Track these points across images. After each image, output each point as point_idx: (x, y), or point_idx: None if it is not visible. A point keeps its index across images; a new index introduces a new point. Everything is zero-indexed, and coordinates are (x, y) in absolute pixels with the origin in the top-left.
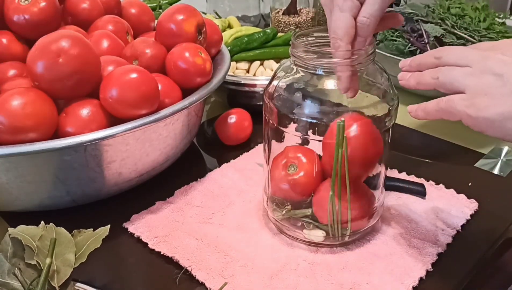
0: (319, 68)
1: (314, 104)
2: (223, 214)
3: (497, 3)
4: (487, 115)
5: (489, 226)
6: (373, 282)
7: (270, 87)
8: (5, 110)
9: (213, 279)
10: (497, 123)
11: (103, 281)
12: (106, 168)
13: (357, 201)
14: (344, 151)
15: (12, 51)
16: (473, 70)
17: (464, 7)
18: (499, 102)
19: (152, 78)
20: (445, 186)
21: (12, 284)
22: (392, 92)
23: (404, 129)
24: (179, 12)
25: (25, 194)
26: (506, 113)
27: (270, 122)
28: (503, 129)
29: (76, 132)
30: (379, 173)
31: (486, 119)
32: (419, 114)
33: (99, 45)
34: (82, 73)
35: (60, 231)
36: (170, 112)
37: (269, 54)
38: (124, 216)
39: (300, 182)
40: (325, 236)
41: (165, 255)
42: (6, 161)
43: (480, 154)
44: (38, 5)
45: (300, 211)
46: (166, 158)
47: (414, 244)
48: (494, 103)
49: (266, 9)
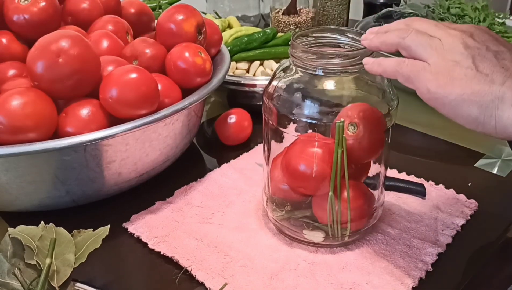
0: (319, 68)
1: (313, 104)
2: (223, 214)
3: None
4: (445, 93)
5: (489, 226)
6: (373, 282)
7: (269, 87)
8: (5, 110)
9: (213, 279)
10: (453, 103)
11: (103, 281)
12: (106, 168)
13: (357, 201)
14: (344, 151)
15: (12, 51)
16: (442, 44)
17: (464, 7)
18: (460, 83)
19: (152, 78)
20: (445, 186)
21: (12, 284)
22: (392, 92)
23: (404, 129)
24: (179, 12)
25: (25, 194)
26: (465, 95)
27: (269, 122)
28: (456, 111)
29: (76, 132)
30: (379, 173)
31: (444, 98)
32: (374, 68)
33: (99, 45)
34: (82, 73)
35: (60, 231)
36: (170, 112)
37: (269, 54)
38: (124, 216)
39: None
40: (325, 236)
41: (165, 255)
42: (6, 161)
43: (480, 154)
44: (38, 5)
45: (300, 211)
46: (166, 158)
47: (414, 244)
48: (455, 83)
49: (266, 9)
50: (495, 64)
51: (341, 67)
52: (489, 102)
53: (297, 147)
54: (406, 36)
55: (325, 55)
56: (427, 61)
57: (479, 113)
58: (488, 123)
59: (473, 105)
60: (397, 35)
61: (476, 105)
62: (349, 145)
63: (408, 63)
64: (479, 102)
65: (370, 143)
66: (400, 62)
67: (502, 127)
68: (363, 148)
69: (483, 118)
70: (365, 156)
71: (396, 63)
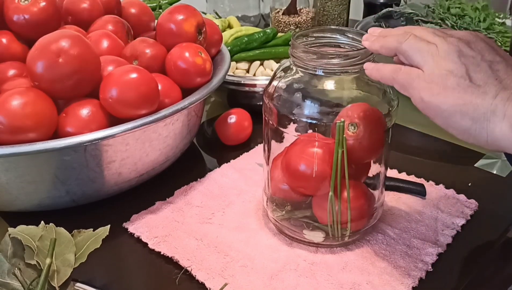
0: (319, 68)
1: (313, 104)
2: (223, 214)
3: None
4: (438, 103)
5: (489, 226)
6: (373, 282)
7: (269, 88)
8: (5, 110)
9: (213, 279)
10: (445, 114)
11: (103, 281)
12: (106, 168)
13: (357, 201)
14: (344, 151)
15: (12, 51)
16: (437, 51)
17: (464, 7)
18: (453, 93)
19: (152, 78)
20: (445, 186)
21: (12, 284)
22: (392, 92)
23: (404, 129)
24: (179, 12)
25: (25, 194)
26: (457, 106)
27: (269, 122)
28: (449, 121)
29: (76, 132)
30: (379, 173)
31: (437, 107)
32: (373, 74)
33: (99, 45)
34: (82, 73)
35: (60, 231)
36: (170, 112)
37: (269, 54)
38: (124, 216)
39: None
40: (325, 236)
41: (165, 255)
42: (6, 161)
43: (480, 154)
44: (38, 5)
45: (300, 211)
46: (166, 158)
47: (414, 244)
48: (448, 94)
49: (266, 9)
50: (489, 75)
51: (341, 67)
52: (481, 114)
53: (297, 147)
54: (403, 41)
55: (325, 55)
56: (422, 68)
57: (471, 125)
58: (480, 135)
59: (465, 117)
60: (396, 40)
61: (468, 117)
62: (349, 145)
63: (404, 71)
64: (471, 114)
65: (370, 143)
66: (396, 69)
67: (493, 139)
68: (363, 148)
69: (474, 130)
70: (365, 156)
71: (393, 70)
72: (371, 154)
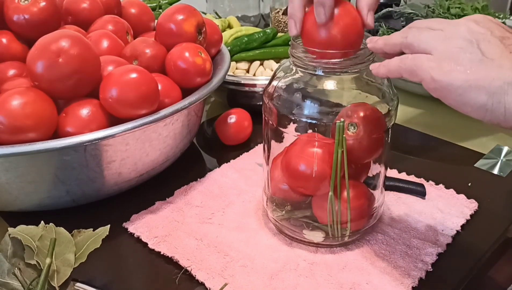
0: (319, 68)
1: (313, 104)
2: (222, 214)
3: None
4: (451, 80)
5: (489, 226)
6: (373, 282)
7: (269, 88)
8: (5, 110)
9: (213, 279)
10: (459, 91)
11: (103, 281)
12: (106, 168)
13: (357, 201)
14: (344, 151)
15: (12, 51)
16: (444, 34)
17: (464, 7)
18: (466, 68)
19: (152, 78)
20: (445, 186)
21: (12, 284)
22: (391, 92)
23: (404, 129)
24: (179, 12)
25: (25, 194)
26: (471, 81)
27: (269, 122)
28: (463, 98)
29: (76, 132)
30: (379, 173)
31: (449, 85)
32: (380, 71)
33: (99, 45)
34: (82, 73)
35: (60, 231)
36: (170, 112)
37: (269, 54)
38: (124, 216)
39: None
40: (325, 236)
41: (165, 255)
42: (6, 161)
43: (480, 154)
44: (38, 5)
45: (300, 211)
46: (166, 158)
47: (414, 244)
48: (460, 69)
49: (266, 9)
50: (502, 49)
51: (341, 67)
52: (498, 87)
53: (297, 147)
54: (407, 34)
55: (325, 55)
56: (431, 52)
57: (487, 100)
58: (497, 110)
59: (481, 91)
60: (400, 35)
61: (484, 91)
62: (349, 145)
63: (411, 57)
64: (487, 88)
65: (370, 143)
66: (403, 58)
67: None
68: (363, 148)
69: (491, 105)
70: (365, 156)
71: (399, 59)
72: (371, 154)
